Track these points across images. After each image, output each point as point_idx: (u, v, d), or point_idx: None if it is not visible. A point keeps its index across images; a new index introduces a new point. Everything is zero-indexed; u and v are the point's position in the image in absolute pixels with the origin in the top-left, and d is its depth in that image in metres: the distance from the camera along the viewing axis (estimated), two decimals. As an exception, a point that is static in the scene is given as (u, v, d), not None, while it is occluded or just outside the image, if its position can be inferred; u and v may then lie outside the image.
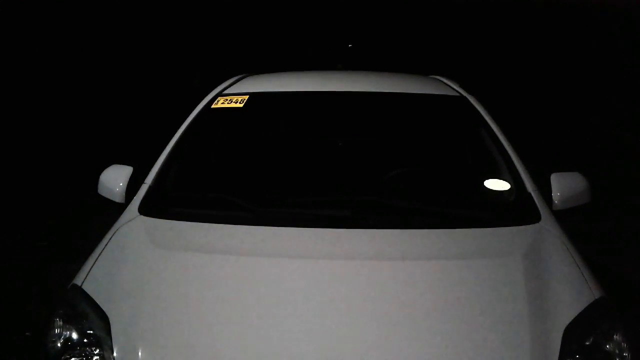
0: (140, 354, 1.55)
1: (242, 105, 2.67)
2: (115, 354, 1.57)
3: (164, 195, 2.31)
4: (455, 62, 9.26)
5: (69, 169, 6.26)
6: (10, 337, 3.12)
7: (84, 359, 1.60)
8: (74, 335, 1.64)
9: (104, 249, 1.96)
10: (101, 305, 1.69)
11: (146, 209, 2.18)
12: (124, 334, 1.60)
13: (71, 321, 1.68)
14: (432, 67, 4.30)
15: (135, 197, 2.27)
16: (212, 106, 2.72)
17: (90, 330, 1.64)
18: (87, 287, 1.77)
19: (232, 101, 2.70)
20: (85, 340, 1.63)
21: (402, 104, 2.75)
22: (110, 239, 2.02)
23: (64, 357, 1.61)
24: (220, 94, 2.81)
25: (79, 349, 1.62)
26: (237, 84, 2.95)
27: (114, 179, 2.38)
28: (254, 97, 2.72)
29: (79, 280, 1.82)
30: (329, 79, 3.03)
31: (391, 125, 2.82)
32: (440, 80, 3.08)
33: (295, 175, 2.51)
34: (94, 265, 1.88)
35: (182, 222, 2.08)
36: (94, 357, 1.59)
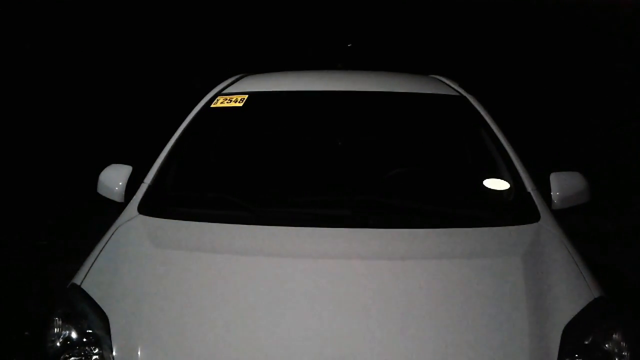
0: (139, 353, 1.55)
1: (241, 104, 2.67)
2: (114, 353, 1.57)
3: (164, 194, 2.32)
4: (455, 61, 9.25)
5: (69, 169, 6.25)
6: (9, 337, 3.12)
7: (84, 358, 1.60)
8: (73, 334, 1.65)
9: (103, 248, 1.96)
10: (100, 304, 1.70)
11: (145, 208, 2.18)
12: (124, 333, 1.60)
13: (70, 320, 1.68)
14: (431, 66, 4.30)
15: (134, 197, 2.27)
16: (212, 106, 2.72)
17: (89, 329, 1.64)
18: (86, 287, 1.78)
19: (231, 100, 2.70)
20: (84, 339, 1.63)
21: (401, 103, 2.75)
22: (109, 238, 2.02)
23: (63, 356, 1.61)
24: (219, 93, 2.81)
25: (78, 348, 1.62)
26: (236, 83, 2.95)
27: (114, 179, 2.38)
28: (253, 96, 2.72)
29: (78, 279, 1.82)
30: (328, 78, 3.03)
31: (391, 124, 2.82)
32: (440, 79, 3.08)
33: (294, 174, 2.51)
34: (93, 264, 1.88)
35: (181, 221, 2.08)
36: (94, 357, 1.59)
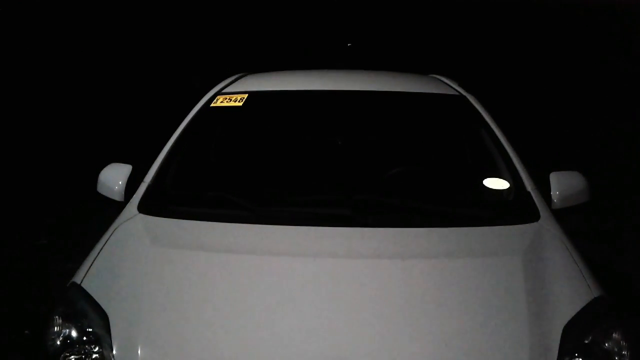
0: (139, 352, 1.55)
1: (241, 104, 2.67)
2: (114, 352, 1.57)
3: (163, 193, 2.32)
4: (455, 61, 9.26)
5: (69, 168, 6.24)
6: (9, 336, 3.12)
7: (84, 357, 1.60)
8: (74, 333, 1.65)
9: (103, 247, 1.96)
10: (100, 303, 1.70)
11: (145, 207, 2.18)
12: (124, 332, 1.60)
13: (70, 319, 1.68)
14: (431, 66, 4.30)
15: (134, 196, 2.27)
16: (211, 105, 2.72)
17: (89, 328, 1.64)
18: (86, 285, 1.78)
19: (231, 100, 2.70)
20: (84, 338, 1.63)
21: (401, 102, 2.75)
22: (109, 237, 2.02)
23: (63, 355, 1.61)
24: (219, 92, 2.81)
25: (78, 347, 1.62)
26: (236, 82, 2.95)
27: (113, 178, 2.38)
28: (253, 95, 2.72)
29: (78, 278, 1.82)
30: (328, 77, 3.03)
31: (390, 124, 2.82)
32: (439, 79, 3.09)
33: (294, 173, 2.51)
34: (93, 263, 1.88)
35: (181, 220, 2.08)
36: (94, 355, 1.59)
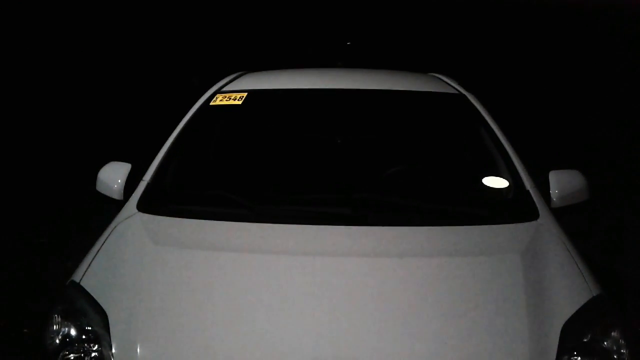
0: (138, 350, 1.55)
1: (240, 102, 2.67)
2: (113, 350, 1.57)
3: (163, 192, 2.32)
4: (455, 60, 9.26)
5: (69, 167, 6.24)
6: (8, 334, 3.12)
7: (83, 355, 1.60)
8: (73, 331, 1.65)
9: (102, 246, 1.96)
10: (100, 301, 1.70)
11: (145, 205, 2.18)
12: (123, 330, 1.60)
13: (70, 317, 1.68)
14: (431, 65, 4.30)
15: (133, 194, 2.26)
16: (211, 103, 2.72)
17: (88, 326, 1.64)
18: (85, 284, 1.78)
19: (230, 98, 2.70)
20: (83, 336, 1.63)
21: (401, 101, 2.75)
22: (108, 235, 2.02)
23: (62, 353, 1.61)
24: (218, 91, 2.81)
25: (77, 345, 1.62)
26: (235, 81, 2.95)
27: (113, 176, 2.37)
28: (252, 94, 2.72)
29: (77, 276, 1.82)
30: (327, 76, 3.03)
31: (390, 122, 2.82)
32: (439, 78, 3.09)
33: (294, 172, 2.51)
34: (92, 261, 1.88)
35: (180, 219, 2.08)
36: (93, 354, 1.59)
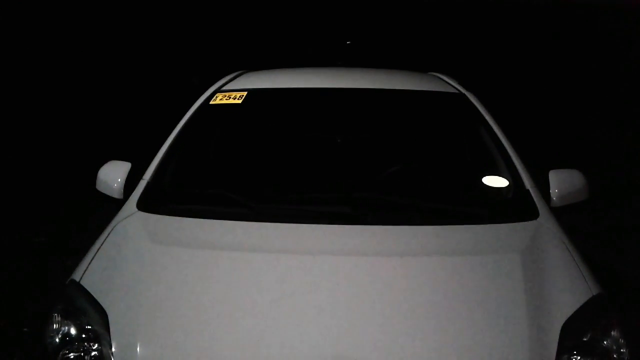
0: (138, 349, 1.55)
1: (240, 101, 2.67)
2: (113, 349, 1.57)
3: (163, 191, 2.31)
4: (454, 59, 9.26)
5: (69, 166, 6.24)
6: (8, 334, 3.12)
7: (82, 354, 1.60)
8: (72, 330, 1.64)
9: (102, 245, 1.96)
10: (99, 300, 1.69)
11: (144, 204, 2.17)
12: (123, 329, 1.60)
13: (69, 316, 1.67)
14: (430, 64, 4.30)
15: (133, 193, 2.26)
16: (211, 102, 2.72)
17: (88, 325, 1.64)
18: (85, 283, 1.77)
19: (230, 97, 2.70)
20: (83, 335, 1.63)
21: (401, 100, 2.75)
22: (108, 234, 2.02)
23: (62, 352, 1.61)
24: (218, 90, 2.81)
25: (77, 344, 1.62)
26: (235, 80, 2.94)
27: (112, 175, 2.37)
28: (252, 93, 2.72)
29: (77, 275, 1.82)
30: (327, 75, 3.03)
31: (390, 122, 2.82)
32: (439, 77, 3.08)
33: (293, 171, 2.51)
34: (92, 260, 1.88)
35: (180, 218, 2.08)
36: (92, 353, 1.59)
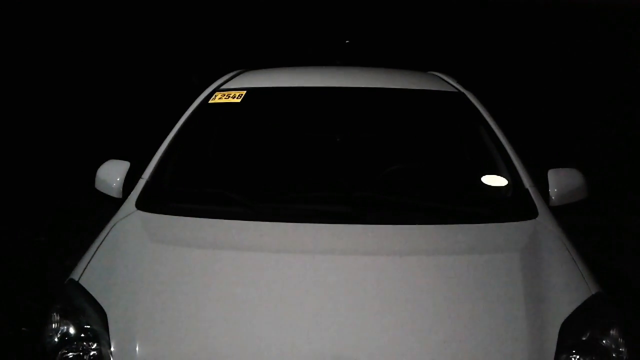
0: (137, 349, 1.55)
1: (239, 100, 2.67)
2: (112, 349, 1.57)
3: (162, 190, 2.31)
4: (453, 58, 9.25)
5: (69, 165, 6.24)
6: (7, 333, 3.12)
7: (81, 353, 1.59)
8: (71, 330, 1.64)
9: (101, 244, 1.95)
10: (98, 300, 1.69)
11: (143, 203, 2.17)
12: (122, 329, 1.60)
13: (68, 316, 1.67)
14: (430, 63, 4.30)
15: (132, 192, 2.26)
16: (210, 101, 2.71)
17: (87, 325, 1.64)
18: (84, 282, 1.77)
19: (229, 96, 2.70)
20: (82, 335, 1.62)
21: (400, 99, 2.75)
22: (107, 233, 2.01)
23: (61, 352, 1.60)
24: (217, 89, 2.81)
25: (76, 343, 1.61)
26: (234, 79, 2.94)
27: (111, 174, 2.37)
28: (251, 92, 2.72)
29: (76, 274, 1.82)
30: (326, 74, 3.03)
31: (389, 121, 2.82)
32: (438, 76, 3.08)
33: (293, 170, 2.51)
34: (91, 259, 1.87)
35: (179, 217, 2.08)
36: (91, 352, 1.59)
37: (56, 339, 1.63)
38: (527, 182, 2.25)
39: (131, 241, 1.96)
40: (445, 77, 3.03)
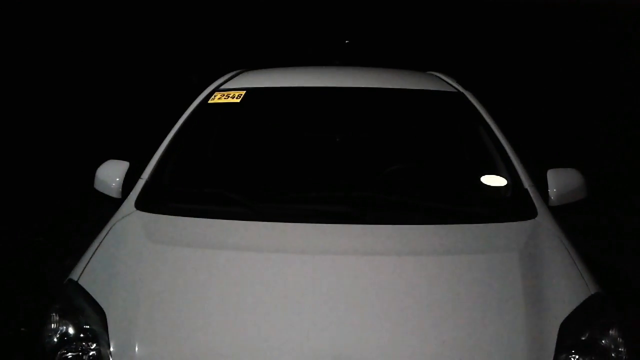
0: (136, 349, 1.55)
1: (239, 100, 2.67)
2: (111, 349, 1.57)
3: (161, 190, 2.31)
4: (453, 58, 9.25)
5: (69, 165, 6.24)
6: (6, 333, 3.12)
7: (80, 354, 1.59)
8: (71, 330, 1.64)
9: (100, 244, 1.95)
10: (98, 300, 1.69)
11: (143, 204, 2.17)
12: (121, 329, 1.60)
13: (67, 316, 1.67)
14: (429, 63, 4.30)
15: (131, 192, 2.26)
16: (209, 101, 2.71)
17: (86, 325, 1.64)
18: (83, 282, 1.77)
19: (229, 96, 2.70)
20: (81, 335, 1.62)
21: (399, 99, 2.75)
22: (107, 233, 2.01)
23: (60, 352, 1.60)
24: (217, 89, 2.81)
25: (75, 343, 1.61)
26: (234, 79, 2.94)
27: (111, 174, 2.37)
28: (250, 92, 2.72)
29: (75, 275, 1.82)
30: (326, 74, 3.03)
31: (389, 121, 2.83)
32: (437, 76, 3.09)
33: (292, 170, 2.51)
34: (90, 260, 1.87)
35: (179, 217, 2.08)
36: (91, 352, 1.59)
37: (55, 339, 1.63)
38: (526, 182, 2.25)
39: (130, 241, 1.96)
40: (444, 77, 3.03)
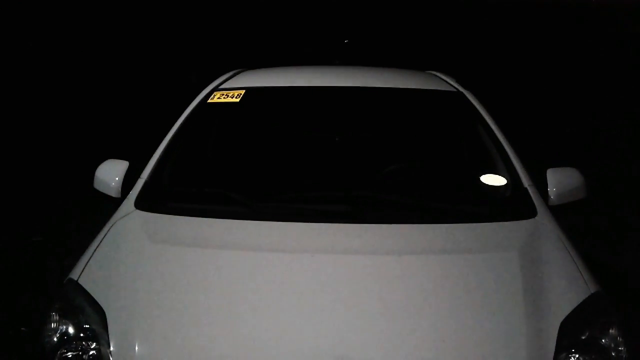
0: (136, 348, 1.55)
1: (238, 100, 2.67)
2: (111, 348, 1.57)
3: (160, 189, 2.31)
4: (452, 58, 9.25)
5: (68, 166, 6.23)
6: (6, 333, 3.12)
7: (80, 353, 1.59)
8: (70, 329, 1.64)
9: (100, 244, 1.95)
10: (97, 299, 1.69)
11: (142, 203, 2.17)
12: (121, 328, 1.60)
13: (67, 315, 1.67)
14: (429, 63, 4.30)
15: (131, 192, 2.26)
16: (209, 101, 2.71)
17: (86, 324, 1.64)
18: (83, 282, 1.77)
19: (228, 96, 2.70)
20: (81, 334, 1.63)
21: (399, 99, 2.75)
22: (106, 233, 2.01)
23: (60, 351, 1.61)
24: (216, 88, 2.81)
25: (75, 343, 1.61)
26: (233, 78, 2.94)
27: (110, 174, 2.37)
28: (250, 91, 2.72)
29: (75, 274, 1.82)
30: (325, 74, 3.03)
31: (388, 120, 2.83)
32: (437, 75, 3.09)
33: (292, 170, 2.51)
34: (90, 259, 1.87)
35: (178, 216, 2.08)
36: (90, 352, 1.59)
37: (55, 339, 1.63)
38: (526, 181, 2.26)
39: (130, 241, 1.96)
40: (444, 77, 3.03)
